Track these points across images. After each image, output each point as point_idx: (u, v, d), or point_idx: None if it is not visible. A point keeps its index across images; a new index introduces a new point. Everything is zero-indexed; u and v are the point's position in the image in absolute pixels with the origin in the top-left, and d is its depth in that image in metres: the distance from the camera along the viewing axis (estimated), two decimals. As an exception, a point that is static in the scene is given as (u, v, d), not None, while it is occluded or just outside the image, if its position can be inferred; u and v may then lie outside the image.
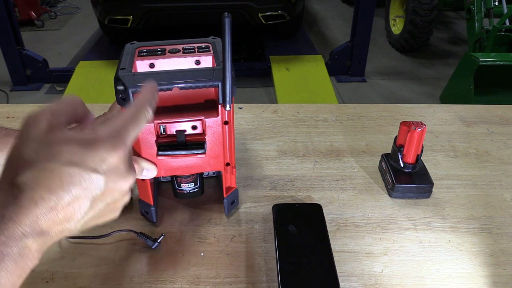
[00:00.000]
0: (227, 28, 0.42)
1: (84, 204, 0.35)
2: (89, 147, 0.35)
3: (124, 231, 0.58)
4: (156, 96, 0.41)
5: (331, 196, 0.66)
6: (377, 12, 3.27)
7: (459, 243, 0.58)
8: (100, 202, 0.36)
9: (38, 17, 4.45)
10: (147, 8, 3.15)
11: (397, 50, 3.94)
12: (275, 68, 3.25)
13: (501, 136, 0.82)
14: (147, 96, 0.40)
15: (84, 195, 0.35)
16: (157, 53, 0.49)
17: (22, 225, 0.32)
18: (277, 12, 3.27)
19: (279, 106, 0.91)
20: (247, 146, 0.78)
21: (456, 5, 3.83)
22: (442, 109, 0.91)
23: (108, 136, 0.36)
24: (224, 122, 0.51)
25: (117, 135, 0.36)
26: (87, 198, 0.35)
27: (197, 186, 0.59)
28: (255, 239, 0.58)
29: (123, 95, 0.46)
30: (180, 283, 0.52)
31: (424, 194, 0.66)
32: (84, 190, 0.34)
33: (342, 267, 0.54)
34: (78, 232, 0.37)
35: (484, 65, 2.43)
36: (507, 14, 2.71)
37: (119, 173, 0.36)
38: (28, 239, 0.32)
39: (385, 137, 0.81)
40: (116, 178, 0.36)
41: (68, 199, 0.34)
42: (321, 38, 4.24)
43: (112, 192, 0.37)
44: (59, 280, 0.52)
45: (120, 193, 0.38)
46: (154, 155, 0.51)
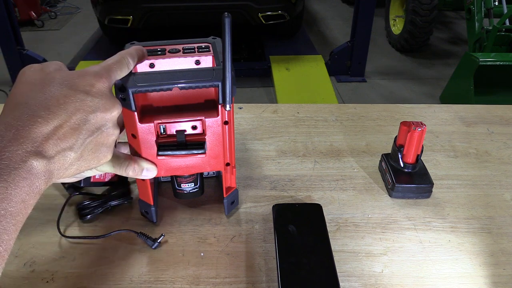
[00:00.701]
0: (227, 28, 0.42)
1: (81, 127, 0.38)
2: (78, 75, 0.39)
3: (124, 231, 0.58)
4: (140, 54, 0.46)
5: (331, 196, 0.66)
6: (377, 12, 3.27)
7: (459, 243, 0.58)
8: (95, 129, 0.39)
9: (38, 17, 4.46)
10: (147, 8, 3.16)
11: (397, 50, 3.94)
12: (275, 68, 3.25)
13: (501, 136, 0.82)
14: (130, 51, 0.45)
15: (79, 116, 0.38)
16: (157, 53, 0.49)
17: (24, 144, 0.34)
18: (277, 12, 3.27)
19: (279, 106, 0.91)
20: (247, 146, 0.78)
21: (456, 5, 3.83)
22: (442, 109, 0.91)
23: (94, 70, 0.41)
24: (224, 122, 0.51)
25: (102, 69, 0.41)
26: (83, 120, 0.38)
27: (197, 186, 0.59)
28: (255, 239, 0.58)
29: (123, 95, 0.46)
30: (180, 283, 0.52)
31: (424, 194, 0.66)
32: (79, 110, 0.38)
33: (342, 267, 0.54)
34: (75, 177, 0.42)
35: (484, 65, 2.43)
36: (507, 14, 2.71)
37: (108, 98, 0.40)
38: (32, 158, 0.34)
39: (385, 137, 0.81)
40: (105, 103, 0.40)
41: (65, 118, 0.37)
42: (321, 38, 4.25)
43: (104, 118, 0.40)
44: (59, 280, 0.52)
45: (111, 122, 0.41)
46: (154, 155, 0.51)
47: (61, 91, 0.37)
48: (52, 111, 0.36)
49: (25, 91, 0.37)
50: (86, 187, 0.64)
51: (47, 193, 0.65)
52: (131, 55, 0.45)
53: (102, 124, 0.40)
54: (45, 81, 0.38)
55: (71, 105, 0.37)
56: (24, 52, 3.12)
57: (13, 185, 0.32)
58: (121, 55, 0.44)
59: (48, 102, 0.36)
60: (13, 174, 0.32)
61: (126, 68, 0.44)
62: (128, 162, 0.49)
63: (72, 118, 0.37)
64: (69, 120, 0.37)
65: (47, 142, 0.35)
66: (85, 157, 0.40)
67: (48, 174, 0.36)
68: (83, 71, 0.40)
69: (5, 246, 0.31)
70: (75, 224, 0.60)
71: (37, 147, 0.34)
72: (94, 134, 0.40)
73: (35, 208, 0.36)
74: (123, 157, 0.50)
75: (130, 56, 0.44)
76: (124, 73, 0.44)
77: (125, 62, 0.44)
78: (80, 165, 0.40)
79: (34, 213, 0.60)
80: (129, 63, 0.44)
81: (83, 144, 0.39)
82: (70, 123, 0.37)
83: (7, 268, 0.53)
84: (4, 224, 0.31)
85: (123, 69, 0.43)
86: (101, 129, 0.40)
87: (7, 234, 0.31)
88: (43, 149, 0.35)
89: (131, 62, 0.44)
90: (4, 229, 0.31)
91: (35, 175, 0.34)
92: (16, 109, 0.36)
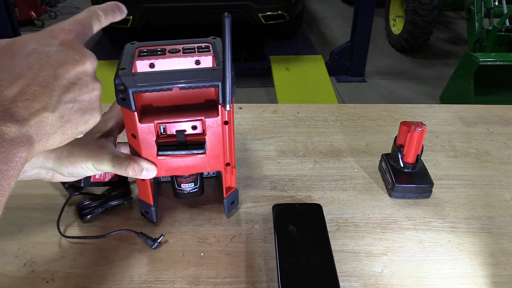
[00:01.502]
0: (227, 28, 0.42)
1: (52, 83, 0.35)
2: (41, 32, 0.37)
3: (124, 231, 0.58)
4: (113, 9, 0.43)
5: (331, 196, 0.66)
6: (377, 12, 3.27)
7: (459, 243, 0.58)
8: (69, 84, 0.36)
9: (38, 17, 4.45)
10: (147, 8, 3.16)
11: (397, 50, 3.94)
12: (275, 68, 3.25)
13: (501, 136, 0.82)
14: (102, 5, 0.42)
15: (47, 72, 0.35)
16: (157, 53, 0.49)
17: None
18: (277, 12, 3.27)
19: (279, 106, 0.91)
20: (247, 146, 0.78)
21: (456, 5, 3.84)
22: (442, 109, 0.91)
23: (56, 25, 0.38)
24: (224, 122, 0.51)
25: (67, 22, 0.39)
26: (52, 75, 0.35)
27: (197, 186, 0.59)
28: (255, 239, 0.58)
29: (123, 95, 0.46)
30: (180, 283, 0.52)
31: (424, 194, 0.66)
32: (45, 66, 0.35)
33: (342, 267, 0.54)
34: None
35: (484, 65, 2.44)
36: (507, 14, 2.72)
37: (76, 50, 0.37)
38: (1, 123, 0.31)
39: (385, 137, 0.81)
40: (74, 54, 0.37)
41: (31, 76, 0.34)
42: (321, 38, 4.25)
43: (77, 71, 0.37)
44: (59, 280, 0.52)
45: (87, 75, 0.38)
46: (154, 155, 0.51)
47: (24, 50, 0.35)
48: (15, 72, 0.33)
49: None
50: (86, 187, 0.64)
51: (47, 193, 0.65)
52: (102, 8, 0.42)
53: (76, 78, 0.37)
54: (8, 45, 0.35)
55: (36, 62, 0.34)
56: (24, 52, 3.11)
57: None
58: (89, 9, 0.41)
59: (10, 63, 0.34)
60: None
61: (97, 21, 0.41)
62: (128, 162, 0.49)
63: (39, 75, 0.34)
64: (36, 78, 0.34)
65: (15, 104, 0.32)
66: (67, 118, 0.37)
67: (26, 140, 0.33)
68: (47, 28, 0.38)
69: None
70: (75, 224, 0.60)
71: (4, 111, 0.32)
72: (69, 90, 0.36)
73: (35, 208, 0.35)
74: (123, 157, 0.50)
75: (100, 9, 0.42)
76: (94, 27, 0.41)
77: (94, 15, 0.41)
78: (65, 129, 0.37)
79: (34, 213, 0.61)
80: (99, 15, 0.41)
81: (59, 102, 0.36)
82: (38, 81, 0.34)
83: (7, 268, 0.53)
84: None
85: (92, 21, 0.41)
86: (77, 83, 0.37)
87: None
88: (13, 112, 0.32)
89: (101, 15, 0.42)
90: None
91: (9, 142, 0.31)
92: None
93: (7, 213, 0.59)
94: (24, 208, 0.62)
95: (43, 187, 0.65)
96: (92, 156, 0.49)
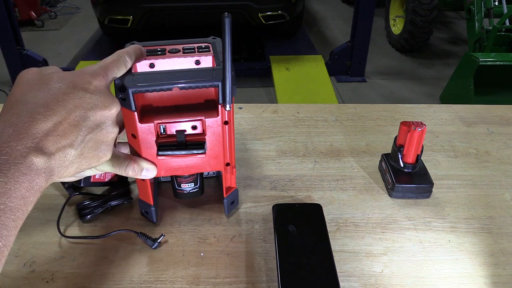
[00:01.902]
0: (227, 28, 0.42)
1: (81, 123, 0.38)
2: (76, 74, 0.40)
3: (124, 231, 0.58)
4: (138, 53, 0.46)
5: (331, 196, 0.66)
6: (377, 12, 3.27)
7: (459, 243, 0.58)
8: (94, 126, 0.40)
9: (38, 17, 4.45)
10: (147, 8, 3.16)
11: (397, 50, 3.94)
12: (275, 68, 3.25)
13: (501, 136, 0.82)
14: (128, 50, 0.46)
15: (79, 112, 0.38)
16: (157, 53, 0.49)
17: (24, 139, 0.34)
18: (277, 12, 3.27)
19: (279, 106, 0.91)
20: (247, 146, 0.78)
21: (456, 5, 3.83)
22: (442, 109, 0.91)
23: (91, 69, 0.41)
24: (224, 122, 0.51)
25: (99, 68, 0.42)
26: (82, 116, 0.38)
27: (197, 186, 0.59)
28: (255, 239, 0.58)
29: (123, 95, 0.46)
30: (180, 283, 0.52)
31: (424, 194, 0.66)
32: (78, 107, 0.38)
33: (342, 267, 0.54)
34: (75, 176, 0.42)
35: (484, 65, 2.43)
36: (507, 14, 2.71)
37: (106, 96, 0.41)
38: (32, 153, 0.34)
39: (385, 137, 0.81)
40: (104, 100, 0.40)
41: (64, 114, 0.37)
42: (321, 38, 4.25)
43: (103, 115, 0.40)
44: (59, 280, 0.52)
45: (110, 119, 0.42)
46: (154, 155, 0.51)
47: (60, 89, 0.38)
48: (51, 108, 0.36)
49: (23, 91, 0.38)
50: (86, 187, 0.64)
51: (47, 193, 0.65)
52: (129, 53, 0.45)
53: (101, 121, 0.41)
54: (43, 80, 0.38)
55: (70, 102, 0.37)
56: (24, 52, 3.12)
57: (13, 180, 0.32)
58: (118, 54, 0.44)
59: (47, 99, 0.37)
60: (12, 169, 0.32)
61: (124, 67, 0.44)
62: (128, 162, 0.49)
63: (72, 115, 0.37)
64: (69, 117, 0.37)
65: (47, 138, 0.35)
66: (85, 155, 0.40)
67: (48, 171, 0.35)
68: (80, 70, 0.41)
69: (4, 241, 0.31)
70: (75, 224, 0.60)
71: (37, 143, 0.34)
72: (93, 131, 0.40)
73: (35, 208, 0.36)
74: (123, 157, 0.50)
75: (127, 54, 0.45)
76: (121, 72, 0.44)
77: (123, 61, 0.44)
78: (80, 164, 0.40)
79: (34, 213, 0.61)
80: (126, 61, 0.45)
81: (83, 141, 0.39)
82: (69, 119, 0.37)
83: (7, 268, 0.53)
84: (4, 219, 0.31)
85: (121, 67, 0.44)
86: (101, 126, 0.41)
87: (6, 229, 0.31)
88: (43, 145, 0.35)
89: (128, 61, 0.45)
90: (4, 224, 0.31)
91: (35, 172, 0.34)
92: (15, 107, 0.36)
93: (7, 213, 0.59)
94: (24, 208, 0.62)
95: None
96: None
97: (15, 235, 0.32)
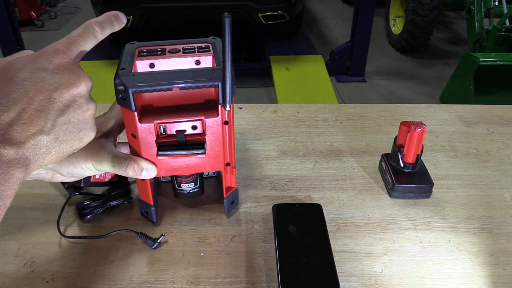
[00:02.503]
0: (227, 28, 0.42)
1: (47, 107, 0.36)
2: (35, 55, 0.38)
3: (124, 231, 0.58)
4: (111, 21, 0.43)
5: (331, 196, 0.66)
6: (377, 12, 3.27)
7: (459, 243, 0.58)
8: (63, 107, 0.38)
9: (38, 17, 4.45)
10: (147, 8, 3.15)
11: (397, 50, 3.94)
12: (275, 68, 3.25)
13: (501, 136, 0.82)
14: (98, 18, 0.42)
15: (42, 96, 0.36)
16: (157, 53, 0.49)
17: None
18: (277, 12, 3.27)
19: (279, 106, 0.91)
20: (247, 146, 0.78)
21: (456, 5, 3.84)
22: (442, 109, 0.91)
23: (51, 47, 0.39)
24: (224, 122, 0.51)
25: (60, 43, 0.39)
26: (47, 100, 0.36)
27: (197, 186, 0.59)
28: (255, 239, 0.58)
29: (123, 95, 0.46)
30: (180, 283, 0.52)
31: (424, 194, 0.66)
32: (40, 91, 0.36)
33: (342, 267, 0.54)
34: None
35: (484, 65, 2.43)
36: (507, 14, 2.72)
37: (71, 73, 0.38)
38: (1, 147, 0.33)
39: (385, 137, 0.81)
40: (68, 77, 0.38)
41: (27, 101, 0.35)
42: (321, 38, 4.25)
43: (72, 94, 0.38)
44: (59, 280, 0.52)
45: (82, 97, 0.39)
46: (154, 155, 0.51)
47: (20, 75, 0.36)
48: (12, 97, 0.35)
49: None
50: (86, 187, 0.64)
51: (47, 193, 0.65)
52: (98, 23, 0.42)
53: (71, 101, 0.38)
54: (5, 70, 0.37)
55: (31, 87, 0.36)
56: (24, 52, 3.11)
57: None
58: (86, 25, 0.41)
59: (7, 89, 0.35)
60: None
61: (93, 37, 0.41)
62: (128, 162, 0.49)
63: (35, 100, 0.36)
64: (32, 102, 0.35)
65: (12, 128, 0.34)
66: (62, 139, 0.38)
67: (23, 162, 0.34)
68: (42, 50, 0.38)
69: None
70: (75, 224, 0.60)
71: (2, 135, 0.33)
72: (64, 112, 0.38)
73: (35, 208, 0.36)
74: (123, 157, 0.50)
75: (96, 24, 0.42)
76: (90, 44, 0.41)
77: (91, 31, 0.41)
78: (60, 148, 0.38)
79: (34, 213, 0.61)
80: (95, 31, 0.41)
81: (54, 125, 0.37)
82: (33, 105, 0.35)
83: (7, 268, 0.53)
84: None
85: (88, 38, 0.41)
86: (71, 106, 0.38)
87: None
88: (10, 136, 0.34)
89: (98, 30, 0.42)
90: None
91: (6, 164, 0.33)
92: None
93: (7, 213, 0.58)
94: (24, 208, 0.62)
95: (43, 187, 0.65)
96: (92, 156, 0.49)
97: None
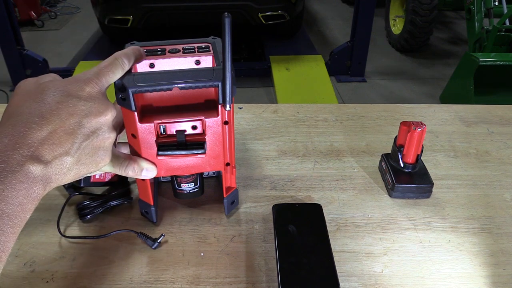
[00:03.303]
0: (227, 28, 0.42)
1: (76, 131, 0.39)
2: (69, 82, 0.40)
3: (124, 231, 0.58)
4: (137, 54, 0.46)
5: (331, 196, 0.66)
6: (377, 12, 3.27)
7: (459, 243, 0.58)
8: (90, 132, 0.40)
9: (38, 17, 4.45)
10: (147, 8, 3.16)
11: (397, 50, 3.94)
12: (275, 68, 3.25)
13: (501, 136, 0.82)
14: (126, 51, 0.45)
15: (73, 120, 0.38)
16: (157, 53, 0.49)
17: (20, 149, 0.35)
18: (277, 12, 3.28)
19: (279, 106, 0.91)
20: (247, 146, 0.78)
21: (456, 5, 3.84)
22: (442, 109, 0.91)
23: (84, 75, 0.42)
24: (224, 122, 0.51)
25: (92, 74, 0.42)
26: (77, 124, 0.39)
27: (197, 186, 0.59)
28: (255, 239, 0.58)
29: (123, 95, 0.46)
30: (180, 283, 0.52)
31: (424, 194, 0.66)
32: (72, 115, 0.38)
33: (342, 267, 0.54)
34: (75, 179, 0.41)
35: (484, 65, 2.43)
36: (507, 14, 2.71)
37: (100, 102, 0.41)
38: (28, 162, 0.35)
39: (385, 137, 0.81)
40: (98, 106, 0.41)
41: (59, 123, 0.37)
42: (321, 38, 4.25)
43: (99, 122, 0.41)
44: (59, 280, 0.52)
45: (106, 125, 0.42)
46: (154, 155, 0.51)
47: (54, 98, 0.38)
48: (45, 118, 0.37)
49: (19, 102, 0.38)
50: (86, 187, 0.64)
51: (47, 193, 0.65)
52: (126, 55, 0.45)
53: (97, 128, 0.41)
54: (38, 91, 0.39)
55: (64, 111, 0.38)
56: (24, 52, 3.12)
57: (10, 188, 0.33)
58: (115, 57, 0.44)
59: (41, 109, 0.37)
60: (10, 177, 0.33)
61: (121, 69, 0.44)
62: (128, 162, 0.50)
63: (66, 123, 0.38)
64: (63, 125, 0.38)
65: (42, 147, 0.36)
66: (82, 161, 0.40)
67: (46, 179, 0.36)
68: (74, 77, 0.41)
69: (2, 247, 0.32)
70: (75, 224, 0.60)
71: (33, 152, 0.35)
72: (89, 138, 0.40)
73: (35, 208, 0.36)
74: (123, 157, 0.50)
75: (125, 56, 0.44)
76: (117, 75, 0.44)
77: (119, 63, 0.44)
78: (78, 170, 0.40)
79: (34, 213, 0.61)
80: (123, 63, 0.44)
81: (79, 148, 0.39)
82: (64, 128, 0.38)
83: (7, 268, 0.53)
84: (1, 225, 0.32)
85: (116, 70, 0.44)
86: (97, 132, 0.41)
87: (4, 235, 0.32)
88: (39, 154, 0.35)
89: (126, 63, 0.44)
90: (1, 230, 0.32)
91: (32, 179, 0.35)
92: (11, 118, 0.37)
93: (7, 213, 0.59)
94: (24, 208, 0.62)
95: (43, 187, 0.65)
96: None
97: (13, 241, 0.33)
